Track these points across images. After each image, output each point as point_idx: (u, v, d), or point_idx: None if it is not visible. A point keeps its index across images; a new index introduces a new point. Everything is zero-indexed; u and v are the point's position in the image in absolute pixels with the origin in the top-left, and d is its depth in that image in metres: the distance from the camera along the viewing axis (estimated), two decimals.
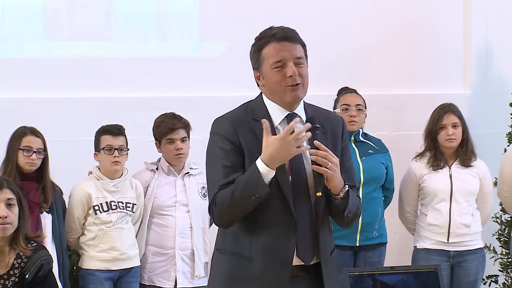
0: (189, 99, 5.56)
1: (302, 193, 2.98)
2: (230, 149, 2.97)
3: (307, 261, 2.99)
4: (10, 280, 3.54)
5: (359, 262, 4.81)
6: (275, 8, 5.90)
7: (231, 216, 2.96)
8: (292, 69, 2.99)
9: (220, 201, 2.94)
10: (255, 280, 2.95)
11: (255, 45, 3.08)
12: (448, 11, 6.35)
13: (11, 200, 3.58)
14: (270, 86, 3.03)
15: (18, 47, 5.78)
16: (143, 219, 4.84)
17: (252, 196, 2.87)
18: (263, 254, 2.94)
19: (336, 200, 2.99)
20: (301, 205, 2.97)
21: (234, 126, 3.00)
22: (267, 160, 2.87)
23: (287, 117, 3.04)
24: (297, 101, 3.05)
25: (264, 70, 3.03)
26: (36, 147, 4.57)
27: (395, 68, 6.23)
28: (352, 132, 4.88)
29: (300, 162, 2.99)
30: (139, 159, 4.93)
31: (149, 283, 4.83)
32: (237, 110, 3.11)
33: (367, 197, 4.80)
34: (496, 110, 6.14)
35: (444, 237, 4.90)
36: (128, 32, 5.90)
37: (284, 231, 2.95)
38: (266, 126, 2.89)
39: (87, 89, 5.69)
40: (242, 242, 2.98)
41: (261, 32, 3.09)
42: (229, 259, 3.01)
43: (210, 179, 3.04)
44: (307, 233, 2.99)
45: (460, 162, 4.97)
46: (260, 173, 2.86)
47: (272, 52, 3.02)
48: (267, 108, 3.06)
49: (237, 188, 2.89)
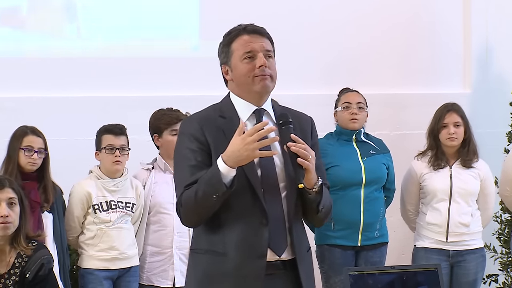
0: (190, 99, 5.54)
1: (271, 186, 2.98)
2: (197, 148, 2.98)
3: (280, 253, 2.97)
4: (11, 279, 3.54)
5: (360, 262, 4.81)
6: (275, 8, 5.91)
7: (197, 216, 2.97)
8: (262, 60, 3.00)
9: (185, 201, 2.95)
10: (231, 276, 2.94)
11: (224, 40, 3.09)
12: (448, 10, 6.36)
13: (13, 199, 3.59)
14: (238, 78, 3.04)
15: (18, 47, 5.78)
16: (142, 218, 4.84)
17: (213, 195, 2.87)
18: (237, 249, 2.94)
19: (310, 194, 2.98)
20: (271, 198, 2.97)
21: (200, 125, 3.00)
22: (226, 158, 2.87)
23: (254, 112, 3.05)
24: (265, 92, 3.05)
25: (233, 62, 3.04)
26: (37, 147, 4.57)
27: (395, 67, 6.23)
28: (354, 131, 4.88)
29: (269, 157, 2.97)
30: (139, 159, 4.94)
31: (147, 282, 4.83)
32: (205, 109, 3.12)
33: (369, 197, 4.80)
34: (496, 109, 6.15)
35: (443, 236, 4.90)
36: (128, 31, 5.90)
37: (256, 224, 2.94)
38: (241, 126, 2.88)
39: (87, 88, 5.69)
40: (215, 239, 2.98)
41: (228, 31, 3.10)
42: (204, 258, 3.01)
43: (176, 180, 3.05)
44: (279, 225, 2.98)
45: (461, 162, 4.97)
46: (220, 172, 2.86)
47: (242, 44, 3.03)
48: (234, 106, 3.07)
49: (199, 187, 2.90)
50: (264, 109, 3.07)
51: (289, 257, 3.01)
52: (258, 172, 2.97)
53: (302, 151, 2.90)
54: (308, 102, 5.68)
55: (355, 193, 4.77)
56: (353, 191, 4.77)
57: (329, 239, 4.79)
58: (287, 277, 3.01)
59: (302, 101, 5.80)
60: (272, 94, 3.13)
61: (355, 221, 4.76)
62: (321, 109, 5.21)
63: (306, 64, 5.96)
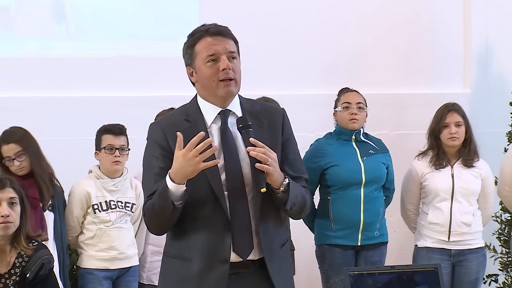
0: (189, 98, 5.53)
1: (237, 189, 2.96)
2: (160, 154, 2.98)
3: (244, 256, 2.96)
4: (11, 279, 3.54)
5: (360, 262, 4.81)
6: (274, 8, 5.91)
7: (159, 225, 2.99)
8: (226, 62, 2.98)
9: (146, 211, 2.97)
10: (195, 281, 2.95)
11: (187, 41, 3.08)
12: (448, 10, 6.36)
13: (14, 199, 3.59)
14: (203, 81, 3.03)
15: (18, 46, 5.78)
16: (142, 218, 4.83)
17: (166, 210, 2.88)
18: (201, 254, 2.95)
19: (278, 194, 2.96)
20: (237, 202, 2.96)
21: (163, 130, 3.00)
22: (173, 175, 2.86)
23: (220, 114, 3.03)
24: (230, 97, 3.04)
25: (197, 65, 3.03)
26: (13, 153, 4.50)
27: (395, 67, 6.23)
28: (353, 130, 4.88)
29: (234, 160, 2.97)
30: (139, 159, 4.92)
31: (148, 282, 4.83)
32: (172, 113, 3.13)
33: (369, 197, 4.79)
34: (496, 109, 6.15)
35: (445, 236, 4.90)
36: (128, 31, 5.90)
37: (219, 229, 2.94)
38: (179, 139, 2.86)
39: (87, 88, 5.69)
40: (182, 244, 2.99)
41: (193, 30, 3.09)
42: (173, 262, 3.03)
43: (143, 186, 3.08)
44: (244, 229, 2.97)
45: (462, 162, 4.97)
46: (168, 189, 2.86)
47: (205, 46, 3.01)
48: (199, 108, 3.06)
49: (155, 201, 2.91)
50: (229, 110, 3.04)
51: (257, 257, 3.00)
52: (223, 176, 2.95)
53: (261, 155, 2.87)
54: (307, 102, 5.70)
55: (355, 192, 4.77)
56: (353, 191, 4.77)
57: (329, 239, 4.79)
58: (257, 275, 3.00)
59: (302, 101, 5.83)
60: (272, 94, 3.14)
61: (355, 221, 4.75)
62: (321, 109, 5.22)
63: (306, 64, 5.95)
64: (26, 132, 4.61)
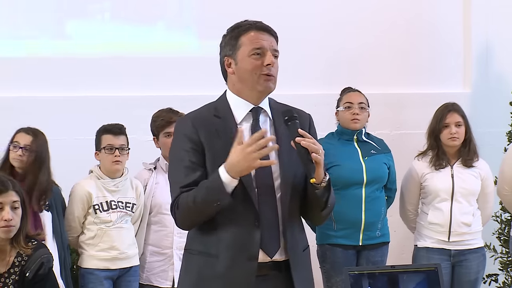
0: (189, 98, 5.51)
1: (267, 187, 2.96)
2: (191, 148, 2.95)
3: (271, 254, 2.95)
4: (11, 279, 3.54)
5: (361, 262, 4.81)
6: (275, 7, 5.90)
7: (193, 220, 2.97)
8: (271, 59, 2.98)
9: (182, 205, 2.93)
10: (221, 278, 2.93)
11: (231, 32, 3.04)
12: (448, 9, 6.36)
13: (16, 202, 3.58)
14: (242, 73, 3.00)
15: (18, 46, 5.78)
16: (143, 218, 4.84)
17: (214, 203, 2.86)
18: (229, 250, 2.92)
19: (318, 189, 2.95)
20: (266, 199, 2.95)
21: (194, 124, 2.97)
22: (229, 168, 2.85)
23: (251, 111, 3.02)
24: (267, 93, 3.04)
25: (239, 56, 3.00)
26: (24, 143, 4.56)
27: (395, 66, 6.23)
28: (355, 130, 4.88)
29: (265, 157, 2.93)
30: (139, 158, 4.93)
31: (147, 282, 4.83)
32: (200, 108, 3.09)
33: (370, 196, 4.80)
34: (496, 108, 6.15)
35: (445, 236, 4.90)
36: (128, 31, 5.91)
37: (248, 225, 2.92)
38: (239, 134, 2.86)
39: (87, 88, 5.69)
40: (208, 240, 2.97)
41: (235, 24, 3.06)
42: (197, 259, 3.00)
43: (171, 180, 3.02)
44: (272, 226, 2.96)
45: (462, 162, 4.97)
46: (222, 182, 2.84)
47: (252, 39, 2.99)
48: (229, 104, 3.03)
49: (199, 193, 2.88)
50: (261, 107, 3.04)
51: (282, 258, 2.99)
52: (253, 172, 2.92)
53: (312, 145, 2.88)
54: (308, 101, 5.69)
55: (356, 192, 4.77)
56: (354, 191, 4.77)
57: (330, 239, 4.79)
58: (279, 278, 2.99)
59: (302, 101, 5.81)
60: (273, 94, 3.13)
61: (356, 221, 4.76)
62: (321, 108, 5.21)
63: (306, 63, 5.95)
64: (45, 138, 4.66)
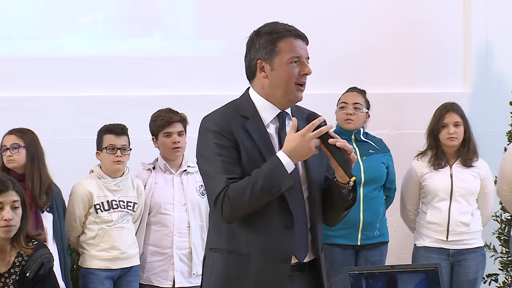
0: (188, 98, 5.56)
1: (296, 188, 2.95)
2: (227, 144, 2.92)
3: (301, 258, 2.96)
4: (11, 279, 3.54)
5: (360, 261, 4.82)
6: (274, 8, 5.90)
7: (245, 210, 2.88)
8: (309, 69, 2.99)
9: (233, 195, 2.85)
10: (252, 279, 2.91)
11: (268, 36, 2.99)
12: (448, 10, 6.36)
13: (16, 202, 3.58)
14: (277, 80, 2.98)
15: (19, 46, 5.78)
16: (142, 218, 4.84)
17: (273, 189, 2.83)
18: (261, 251, 2.90)
19: (344, 189, 2.97)
20: (296, 200, 2.95)
21: (226, 122, 2.95)
22: (290, 153, 2.86)
23: (278, 115, 3.02)
24: (296, 102, 3.05)
25: (276, 62, 2.97)
26: (10, 143, 4.53)
27: (395, 66, 6.23)
28: (349, 130, 4.87)
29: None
30: (139, 158, 4.94)
31: (147, 282, 4.82)
32: (225, 107, 3.05)
33: (368, 196, 4.80)
34: (496, 108, 6.15)
35: (443, 235, 4.91)
36: (127, 31, 5.91)
37: (282, 227, 2.91)
38: (294, 123, 2.90)
39: (87, 88, 5.69)
40: (238, 239, 2.93)
41: (268, 25, 3.03)
42: (225, 258, 2.96)
43: (211, 173, 2.93)
44: (303, 229, 2.96)
45: (461, 162, 4.98)
46: (283, 165, 2.84)
47: (291, 47, 2.98)
48: (255, 105, 3.02)
49: (257, 180, 2.83)
50: (287, 112, 3.05)
51: (310, 258, 3.00)
52: None
53: (347, 145, 2.92)
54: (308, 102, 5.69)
55: None
56: None
57: (329, 238, 4.79)
58: (306, 278, 3.00)
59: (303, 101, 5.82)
60: None
61: (354, 220, 4.75)
62: (321, 109, 5.19)
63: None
64: (33, 134, 4.63)
